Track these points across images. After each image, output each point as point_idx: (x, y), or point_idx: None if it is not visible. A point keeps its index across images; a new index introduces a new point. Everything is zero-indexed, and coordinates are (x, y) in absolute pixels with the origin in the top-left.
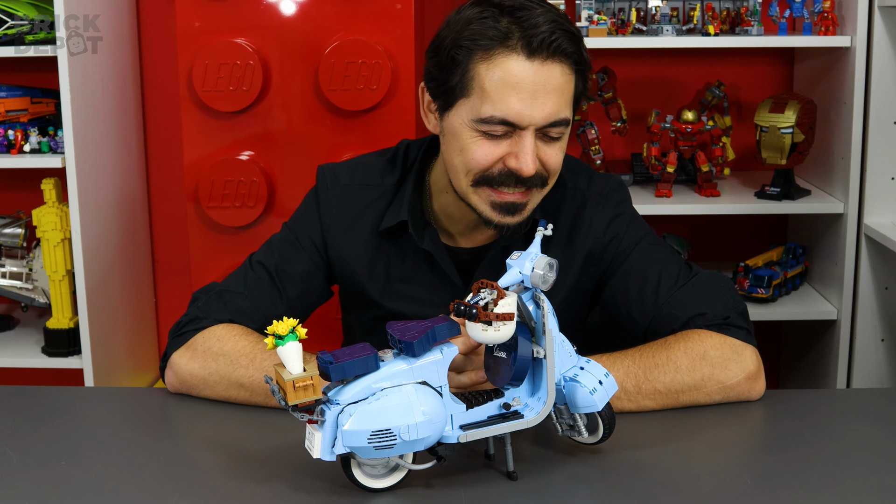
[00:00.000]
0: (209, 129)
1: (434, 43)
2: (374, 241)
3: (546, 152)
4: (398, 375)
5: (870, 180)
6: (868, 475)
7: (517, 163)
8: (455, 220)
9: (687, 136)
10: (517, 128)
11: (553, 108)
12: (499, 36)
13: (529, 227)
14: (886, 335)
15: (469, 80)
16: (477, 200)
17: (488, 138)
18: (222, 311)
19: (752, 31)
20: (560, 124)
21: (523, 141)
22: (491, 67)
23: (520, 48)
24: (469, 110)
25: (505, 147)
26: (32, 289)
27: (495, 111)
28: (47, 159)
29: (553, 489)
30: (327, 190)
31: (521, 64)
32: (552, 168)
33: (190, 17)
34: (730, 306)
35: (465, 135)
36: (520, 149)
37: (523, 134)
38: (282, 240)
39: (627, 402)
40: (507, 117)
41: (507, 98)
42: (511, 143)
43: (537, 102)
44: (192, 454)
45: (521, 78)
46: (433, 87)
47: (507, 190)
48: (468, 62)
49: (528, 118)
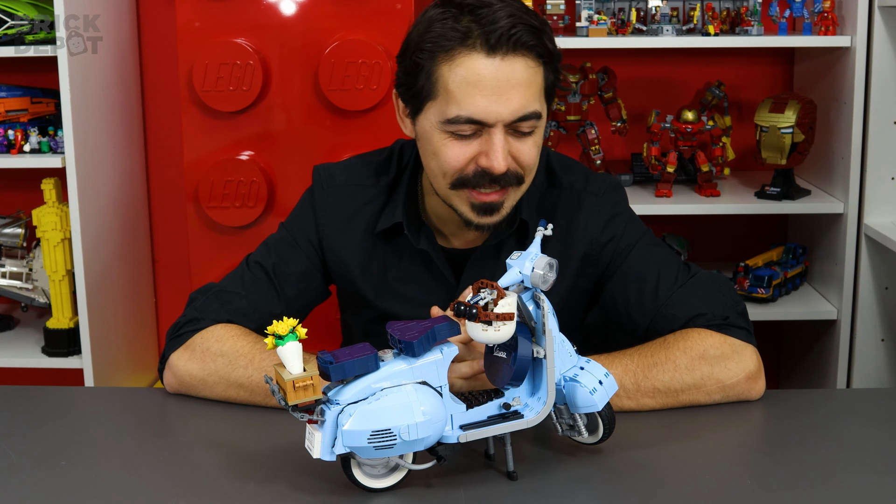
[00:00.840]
0: (209, 129)
1: (401, 48)
2: (370, 241)
3: (518, 148)
4: (398, 375)
5: (870, 180)
6: (868, 475)
7: (488, 161)
8: (445, 220)
9: (687, 136)
10: (485, 125)
11: (520, 102)
12: (459, 36)
13: (517, 226)
14: (886, 335)
15: (434, 82)
16: (457, 202)
17: (458, 139)
18: (220, 312)
19: (752, 31)
20: (529, 118)
21: (493, 138)
22: (453, 68)
23: (479, 46)
24: (437, 113)
25: (476, 146)
26: (32, 289)
27: (461, 111)
28: (47, 159)
29: (553, 489)
30: (323, 190)
31: (483, 61)
32: (526, 164)
33: (190, 17)
34: (729, 306)
35: (435, 137)
36: (490, 147)
37: (492, 131)
38: (279, 240)
39: (627, 400)
40: (473, 116)
41: (471, 97)
42: (481, 141)
43: (502, 98)
44: (192, 454)
45: (484, 75)
46: (403, 93)
47: (483, 190)
48: (432, 65)
49: (494, 115)
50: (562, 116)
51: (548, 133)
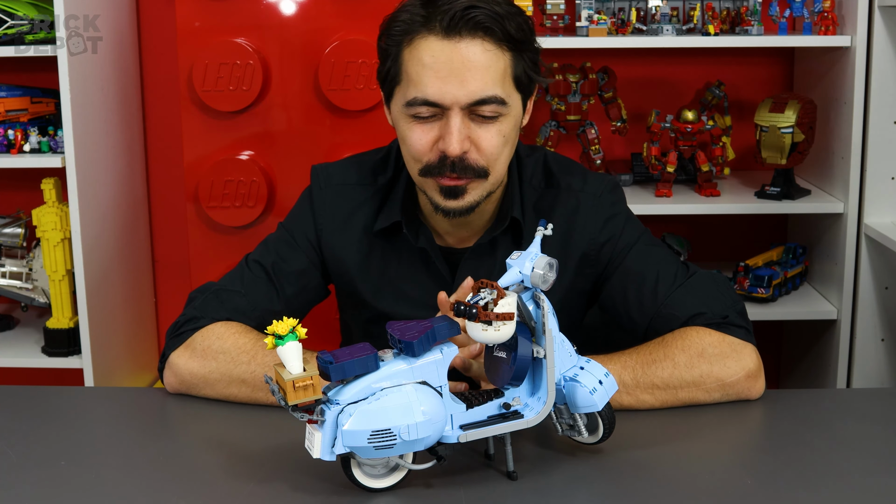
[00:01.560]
0: (209, 128)
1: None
2: (368, 240)
3: (479, 135)
4: (398, 375)
5: (870, 180)
6: (868, 475)
7: (444, 143)
8: (435, 217)
9: (687, 136)
10: (443, 108)
11: (476, 85)
12: (420, 20)
13: (510, 224)
14: (886, 335)
15: (398, 67)
16: (427, 188)
17: (419, 122)
18: (220, 310)
19: (752, 31)
20: (489, 102)
21: (449, 122)
22: (412, 51)
23: (437, 29)
24: (401, 97)
25: (436, 131)
26: (32, 289)
27: (417, 92)
28: (47, 159)
29: (553, 489)
30: (321, 190)
31: (439, 43)
32: (488, 152)
33: (190, 17)
34: (728, 305)
35: (401, 122)
36: (446, 130)
37: (449, 114)
38: (278, 239)
39: (626, 396)
40: (428, 97)
41: (426, 78)
42: (440, 125)
43: (457, 80)
44: (192, 454)
45: (438, 57)
46: (380, 83)
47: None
48: (397, 51)
49: (449, 96)
50: (562, 116)
51: (548, 133)
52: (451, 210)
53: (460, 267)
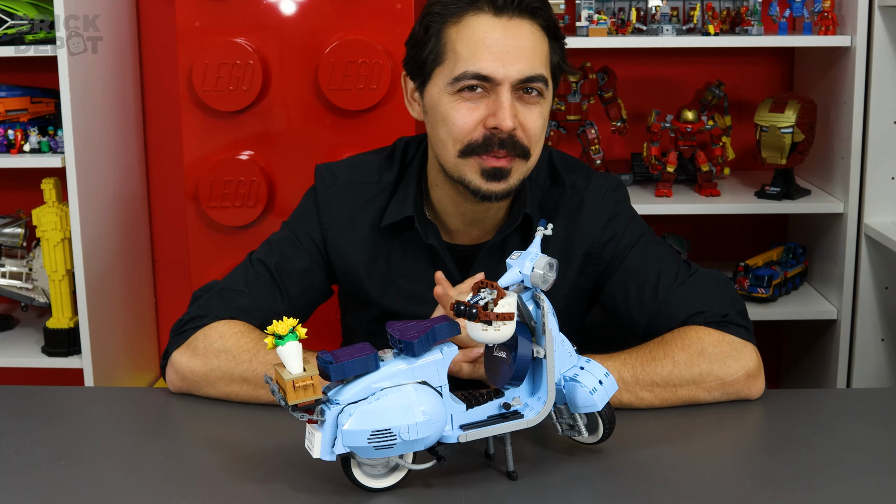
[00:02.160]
0: (209, 128)
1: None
2: (374, 238)
3: (525, 115)
4: (398, 375)
5: (870, 180)
6: (868, 475)
7: (496, 119)
8: (449, 214)
9: (687, 136)
10: (493, 83)
11: (527, 63)
12: (466, 0)
13: (522, 221)
14: (886, 335)
15: (442, 46)
16: (466, 171)
17: (465, 101)
18: (223, 310)
19: (752, 31)
20: (537, 80)
21: (500, 97)
22: (461, 29)
23: (487, 7)
24: (444, 76)
25: (483, 109)
26: (32, 289)
27: (468, 67)
28: (47, 159)
29: (553, 489)
30: (326, 189)
31: (490, 20)
32: (532, 132)
33: (190, 17)
34: (728, 304)
35: (443, 102)
36: (497, 106)
37: (499, 90)
38: (281, 238)
39: (626, 394)
40: (481, 71)
41: (478, 53)
42: (489, 103)
43: (509, 57)
44: (192, 454)
45: (491, 34)
46: (411, 68)
47: (492, 156)
48: (441, 30)
49: (502, 72)
50: (562, 116)
51: (548, 133)
52: (492, 193)
53: (475, 266)
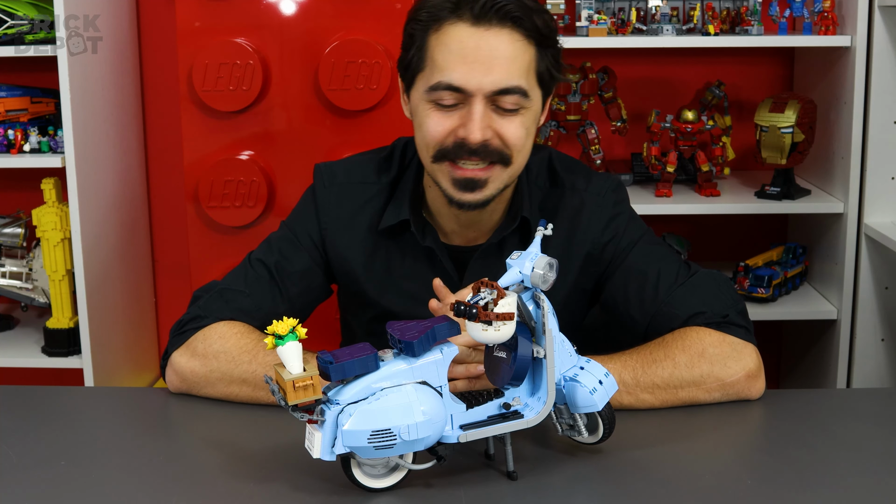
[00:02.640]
0: (209, 129)
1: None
2: (373, 238)
3: (502, 125)
4: (398, 375)
5: (870, 180)
6: (868, 475)
7: (465, 131)
8: (444, 216)
9: (687, 136)
10: (466, 94)
11: (501, 74)
12: (449, 7)
13: (519, 223)
14: (886, 335)
15: (423, 53)
16: (440, 177)
17: (439, 109)
18: (223, 310)
19: (752, 31)
20: (512, 92)
21: (472, 109)
22: (440, 37)
23: (466, 16)
24: (424, 83)
25: (456, 119)
26: (32, 289)
27: (442, 77)
28: (47, 159)
29: (553, 489)
30: (325, 188)
31: (467, 30)
32: (511, 141)
33: (190, 17)
34: (729, 305)
35: (420, 109)
36: (468, 117)
37: (472, 101)
38: (280, 238)
39: (626, 396)
40: (453, 82)
41: (452, 64)
42: (462, 114)
43: (483, 67)
44: (192, 454)
45: (466, 44)
46: (400, 70)
47: (465, 165)
48: (423, 36)
49: (474, 83)
50: (562, 116)
51: (548, 133)
52: (466, 203)
53: (469, 267)
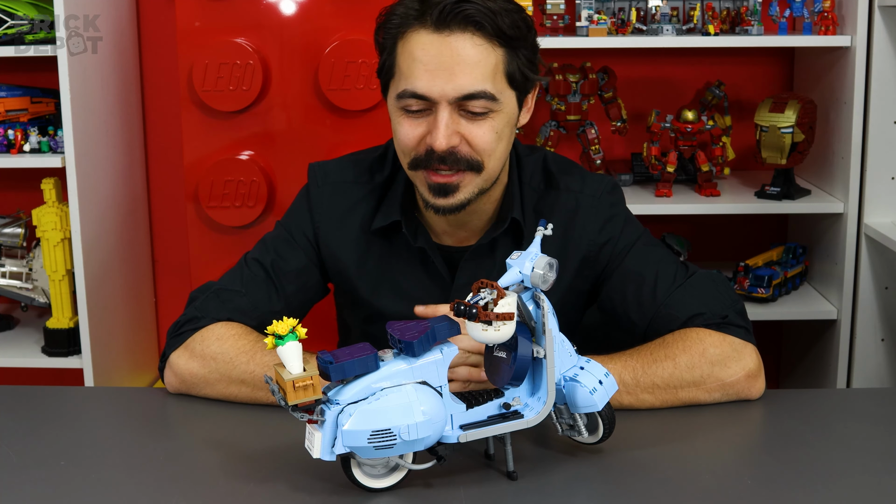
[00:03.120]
0: (209, 129)
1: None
2: (365, 238)
3: (470, 130)
4: (398, 375)
5: (870, 180)
6: (868, 475)
7: (431, 138)
8: (433, 217)
9: (687, 136)
10: (431, 101)
11: (465, 80)
12: (414, 14)
13: (509, 225)
14: (886, 335)
15: (392, 61)
16: (418, 183)
17: (408, 116)
18: (220, 310)
19: (752, 31)
20: (478, 97)
21: (437, 116)
22: (405, 45)
23: (429, 23)
24: (394, 90)
25: (424, 126)
26: (32, 289)
27: (407, 85)
28: (47, 159)
29: (553, 489)
30: (318, 188)
31: (429, 37)
32: (480, 147)
33: (190, 17)
34: (728, 305)
35: (393, 116)
36: (434, 125)
37: (437, 108)
38: (276, 237)
39: (627, 396)
40: (416, 90)
41: (415, 71)
42: (429, 120)
43: (446, 74)
44: (192, 454)
45: (428, 50)
46: (378, 76)
47: (435, 171)
48: (392, 44)
49: (437, 90)
50: (562, 116)
51: (548, 133)
52: (440, 208)
53: (460, 268)
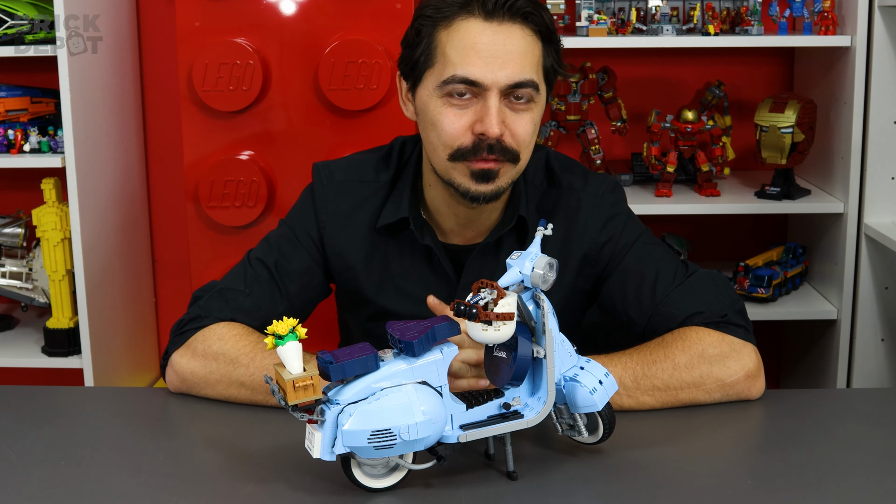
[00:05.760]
0: (209, 128)
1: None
2: (371, 236)
3: (514, 121)
4: (398, 375)
5: (870, 180)
6: (868, 475)
7: (483, 126)
8: (443, 215)
9: (687, 136)
10: (481, 88)
11: (515, 68)
12: (458, 3)
13: (516, 223)
14: (886, 335)
15: (433, 49)
16: (455, 175)
17: (453, 106)
18: (224, 310)
19: (752, 31)
20: (526, 85)
21: (488, 103)
22: (451, 33)
23: (477, 11)
24: (434, 79)
25: (471, 115)
26: (32, 289)
27: (456, 71)
28: (47, 159)
29: (553, 489)
30: (323, 187)
31: (480, 25)
32: (521, 138)
33: (190, 17)
34: (727, 304)
35: (432, 105)
36: (485, 112)
37: (487, 95)
38: (280, 237)
39: (626, 399)
40: (469, 76)
41: (467, 58)
42: (477, 109)
43: (498, 61)
44: (192, 454)
45: (480, 39)
46: (404, 69)
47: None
48: (432, 32)
49: (490, 77)
50: (562, 116)
51: (548, 133)
52: (481, 195)
53: (466, 266)
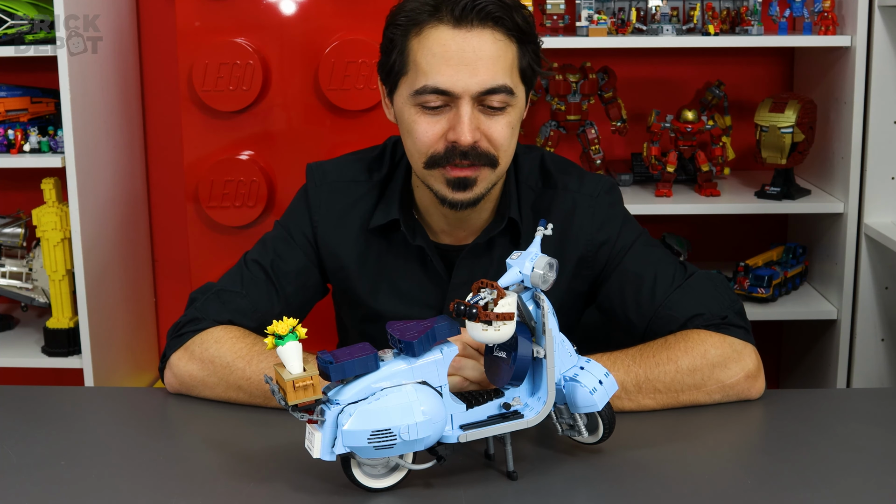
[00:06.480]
0: (209, 128)
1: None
2: (364, 237)
3: (489, 125)
4: (398, 375)
5: (870, 180)
6: (868, 475)
7: (455, 134)
8: (433, 215)
9: (687, 136)
10: (453, 97)
11: (487, 74)
12: (429, 10)
13: (507, 224)
14: (886, 335)
15: (405, 57)
16: (432, 181)
17: (427, 113)
18: (221, 312)
19: (752, 31)
20: (498, 91)
21: (460, 111)
22: (422, 41)
23: (446, 18)
24: (407, 87)
25: (444, 122)
26: (32, 288)
27: (427, 80)
28: (47, 159)
29: (553, 489)
30: (316, 187)
31: (449, 33)
32: (498, 142)
33: (190, 17)
34: (727, 306)
35: (406, 113)
36: (457, 120)
37: (459, 103)
38: (275, 237)
39: (627, 402)
40: (439, 85)
41: (437, 67)
42: (450, 116)
43: (468, 69)
44: (192, 454)
45: (450, 46)
46: (381, 74)
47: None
48: (404, 40)
49: (461, 85)
50: (562, 116)
51: (548, 133)
52: (458, 202)
53: (456, 265)
